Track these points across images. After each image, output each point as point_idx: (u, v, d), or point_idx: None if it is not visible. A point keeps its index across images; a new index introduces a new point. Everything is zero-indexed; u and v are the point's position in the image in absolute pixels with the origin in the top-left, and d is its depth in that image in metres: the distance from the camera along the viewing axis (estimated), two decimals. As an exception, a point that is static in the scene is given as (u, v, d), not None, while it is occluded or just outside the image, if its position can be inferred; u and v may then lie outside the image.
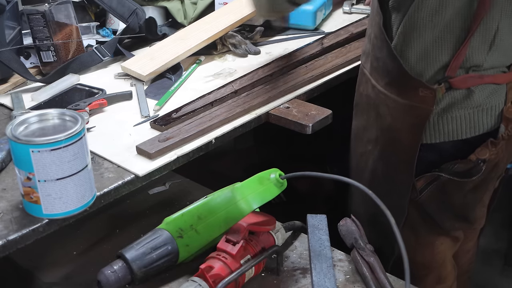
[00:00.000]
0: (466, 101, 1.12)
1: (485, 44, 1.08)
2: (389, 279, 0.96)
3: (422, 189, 1.20)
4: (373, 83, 1.21)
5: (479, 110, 1.13)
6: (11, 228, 0.89)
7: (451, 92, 1.11)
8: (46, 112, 0.92)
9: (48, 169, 0.86)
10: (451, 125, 1.14)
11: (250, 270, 0.96)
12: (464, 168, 1.16)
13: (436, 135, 1.15)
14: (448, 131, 1.14)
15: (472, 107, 1.12)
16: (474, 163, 1.15)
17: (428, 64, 1.11)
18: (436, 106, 1.12)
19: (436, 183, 1.19)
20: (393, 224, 0.86)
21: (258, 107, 1.23)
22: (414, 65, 1.12)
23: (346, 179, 0.92)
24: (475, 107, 1.13)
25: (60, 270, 1.05)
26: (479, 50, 1.08)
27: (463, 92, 1.12)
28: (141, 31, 1.50)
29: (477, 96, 1.12)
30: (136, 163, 1.05)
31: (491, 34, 1.08)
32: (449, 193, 1.20)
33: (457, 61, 1.08)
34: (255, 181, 0.97)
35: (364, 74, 1.26)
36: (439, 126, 1.14)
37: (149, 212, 1.20)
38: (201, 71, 1.41)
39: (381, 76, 1.18)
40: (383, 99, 1.18)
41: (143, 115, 1.20)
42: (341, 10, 1.75)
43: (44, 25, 1.34)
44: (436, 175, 1.18)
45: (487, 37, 1.08)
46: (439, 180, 1.18)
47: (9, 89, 1.33)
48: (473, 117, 1.13)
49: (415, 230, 1.26)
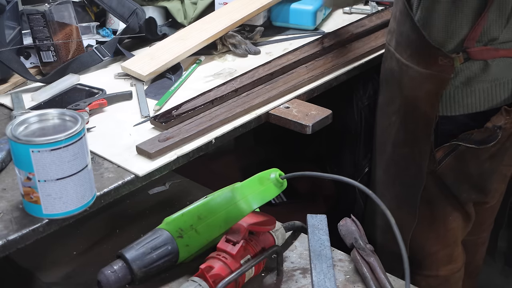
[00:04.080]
0: (484, 74, 1.19)
1: (502, 18, 1.15)
2: (389, 279, 0.96)
3: (440, 159, 1.27)
4: (397, 57, 1.28)
5: (496, 84, 1.20)
6: (11, 228, 0.89)
7: (469, 65, 1.18)
8: (46, 112, 0.92)
9: (48, 169, 0.86)
10: (470, 98, 1.21)
11: (250, 270, 0.96)
12: (481, 136, 1.22)
13: (455, 107, 1.23)
14: (468, 104, 1.21)
15: (489, 81, 1.19)
16: (491, 130, 1.21)
17: (448, 36, 1.18)
18: (455, 79, 1.20)
19: (454, 153, 1.25)
20: (393, 225, 0.86)
21: (258, 107, 1.23)
22: (435, 37, 1.19)
23: (346, 179, 0.92)
24: (492, 80, 1.19)
25: (60, 270, 1.06)
26: (496, 23, 1.15)
27: (480, 65, 1.18)
28: (141, 31, 1.50)
29: (494, 70, 1.18)
30: (136, 163, 1.05)
31: (508, 9, 1.14)
32: (467, 161, 1.26)
33: (475, 33, 1.15)
34: (255, 181, 0.97)
35: (389, 50, 1.33)
36: (458, 99, 1.21)
37: (149, 212, 1.20)
38: (201, 71, 1.41)
39: (404, 49, 1.26)
40: (405, 70, 1.26)
41: (143, 115, 1.20)
42: (341, 10, 1.75)
43: (44, 25, 1.34)
44: (455, 145, 1.24)
45: (504, 11, 1.14)
46: (457, 149, 1.25)
47: (9, 89, 1.33)
48: (490, 90, 1.20)
49: (431, 203, 1.32)
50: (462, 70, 1.19)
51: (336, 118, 1.24)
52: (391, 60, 1.32)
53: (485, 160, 1.26)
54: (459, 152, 1.25)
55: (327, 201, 1.85)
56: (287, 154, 1.94)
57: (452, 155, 1.26)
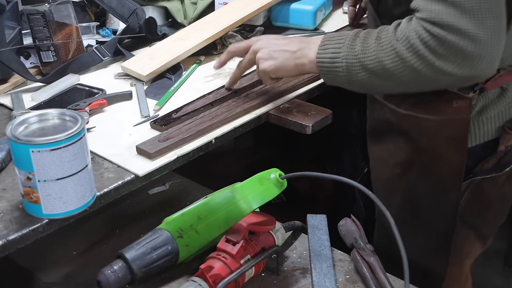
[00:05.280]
0: (500, 99, 1.11)
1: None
2: (389, 279, 0.96)
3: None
4: (392, 107, 1.14)
5: (511, 105, 1.12)
6: (11, 228, 0.89)
7: (484, 95, 1.09)
8: (46, 112, 0.92)
9: (48, 169, 0.86)
10: (486, 126, 1.12)
11: (250, 270, 0.96)
12: (495, 162, 1.14)
13: (471, 139, 1.12)
14: (484, 133, 1.12)
15: (504, 104, 1.11)
16: (506, 151, 1.13)
17: None
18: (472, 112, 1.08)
19: (471, 187, 1.16)
20: (393, 225, 0.86)
21: (258, 107, 1.23)
22: None
23: (346, 179, 0.92)
24: (507, 103, 1.12)
25: (60, 270, 1.06)
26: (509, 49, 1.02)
27: (496, 92, 1.10)
28: (141, 31, 1.50)
29: (510, 93, 1.11)
30: (136, 163, 1.05)
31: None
32: (486, 191, 1.17)
33: None
34: (255, 181, 0.97)
35: (375, 99, 1.19)
36: (475, 129, 1.11)
37: (149, 212, 1.20)
38: (201, 71, 1.41)
39: (401, 100, 1.12)
40: (411, 121, 1.12)
41: (143, 115, 1.20)
42: (341, 10, 1.75)
43: (44, 25, 1.34)
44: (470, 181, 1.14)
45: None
46: (473, 183, 1.15)
47: (9, 89, 1.33)
48: (505, 114, 1.12)
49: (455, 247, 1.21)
50: (477, 102, 1.09)
51: (336, 118, 1.24)
52: (382, 111, 1.17)
53: (503, 182, 1.18)
54: (475, 185, 1.15)
55: (327, 201, 1.85)
56: (287, 154, 1.94)
57: (469, 189, 1.16)
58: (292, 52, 1.11)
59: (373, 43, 0.99)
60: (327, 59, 1.05)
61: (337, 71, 1.04)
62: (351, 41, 1.02)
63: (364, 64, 1.00)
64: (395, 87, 1.03)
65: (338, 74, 1.04)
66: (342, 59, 1.03)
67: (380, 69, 0.99)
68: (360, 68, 1.01)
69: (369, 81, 1.01)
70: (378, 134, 1.23)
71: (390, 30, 0.98)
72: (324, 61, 1.06)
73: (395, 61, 0.97)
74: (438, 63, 0.93)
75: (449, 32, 0.90)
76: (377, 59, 0.99)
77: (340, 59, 1.03)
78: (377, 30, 1.01)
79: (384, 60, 0.98)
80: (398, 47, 0.96)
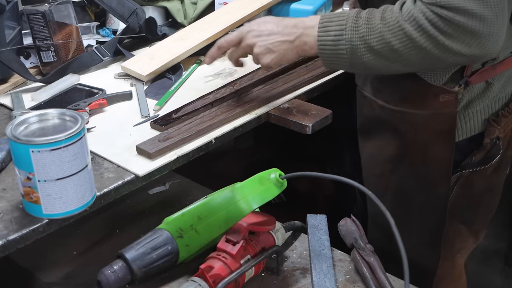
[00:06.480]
0: (485, 94, 1.12)
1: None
2: (389, 279, 0.96)
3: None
4: (380, 103, 1.16)
5: (496, 100, 1.14)
6: (11, 228, 0.89)
7: (469, 89, 1.11)
8: (46, 112, 0.92)
9: (48, 169, 0.86)
10: (472, 120, 1.13)
11: (250, 270, 0.96)
12: (482, 155, 1.15)
13: (458, 133, 1.13)
14: (470, 127, 1.14)
15: (490, 99, 1.13)
16: (491, 144, 1.15)
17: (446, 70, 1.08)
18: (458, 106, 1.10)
19: (460, 181, 1.18)
20: (393, 226, 0.86)
21: (258, 107, 1.23)
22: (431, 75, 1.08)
23: (346, 179, 0.92)
24: (493, 97, 1.13)
25: (60, 270, 1.06)
26: None
27: (482, 86, 1.11)
28: (141, 31, 1.50)
29: (495, 87, 1.12)
30: (136, 163, 1.05)
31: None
32: (475, 184, 1.19)
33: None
34: (255, 181, 0.97)
35: (365, 96, 1.21)
36: (461, 124, 1.13)
37: (149, 212, 1.20)
38: (201, 71, 1.41)
39: (390, 95, 1.14)
40: (399, 116, 1.14)
41: (143, 115, 1.20)
42: (341, 10, 1.75)
43: (44, 25, 1.34)
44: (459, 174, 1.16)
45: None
46: (462, 177, 1.17)
47: (9, 89, 1.33)
48: (491, 108, 1.14)
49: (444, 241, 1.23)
50: (463, 96, 1.11)
51: (336, 118, 1.24)
52: (371, 107, 1.19)
53: (490, 175, 1.19)
54: (464, 179, 1.17)
55: (327, 201, 1.85)
56: (287, 154, 1.94)
57: (458, 184, 1.18)
58: (290, 41, 1.08)
59: (378, 24, 0.98)
60: (330, 41, 1.02)
61: (340, 53, 1.02)
62: (354, 22, 1.00)
63: (370, 45, 0.99)
64: (401, 68, 1.02)
65: (341, 57, 1.02)
66: (346, 42, 1.00)
67: (387, 49, 0.98)
68: (365, 49, 0.99)
69: (374, 63, 1.00)
70: (368, 131, 1.24)
71: (396, 11, 0.97)
72: (327, 44, 1.03)
73: (403, 41, 0.96)
74: (448, 42, 0.93)
75: (456, 13, 0.91)
76: (383, 40, 0.97)
77: (343, 41, 1.01)
78: (381, 10, 1.00)
79: (391, 41, 0.97)
80: (407, 27, 0.95)
